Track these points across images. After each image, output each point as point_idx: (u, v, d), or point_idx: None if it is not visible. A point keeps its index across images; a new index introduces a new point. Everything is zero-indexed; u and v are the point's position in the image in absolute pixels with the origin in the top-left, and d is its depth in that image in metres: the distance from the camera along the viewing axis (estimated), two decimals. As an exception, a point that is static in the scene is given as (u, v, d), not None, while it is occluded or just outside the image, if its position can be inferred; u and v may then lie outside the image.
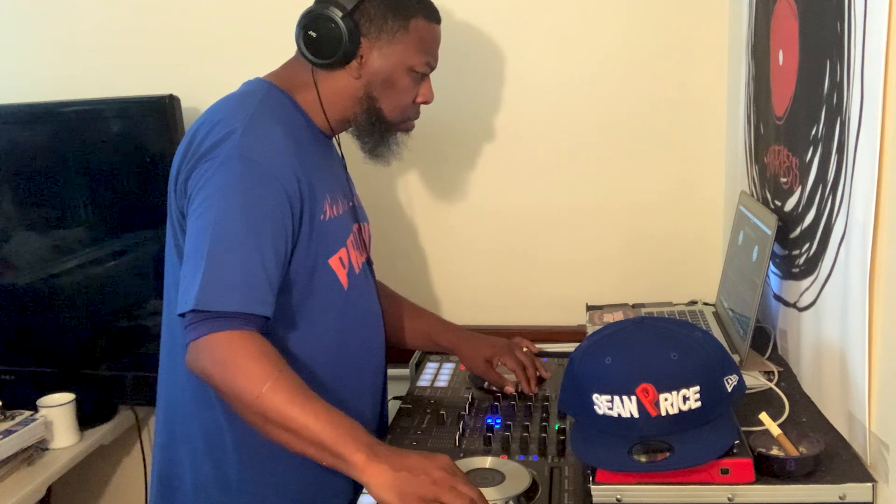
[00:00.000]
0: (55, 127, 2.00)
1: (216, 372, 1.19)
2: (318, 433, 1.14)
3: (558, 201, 2.02)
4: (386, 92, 1.42)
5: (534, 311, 2.06)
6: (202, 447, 1.39)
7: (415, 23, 1.42)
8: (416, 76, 1.44)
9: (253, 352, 1.19)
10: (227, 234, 1.24)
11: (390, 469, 1.11)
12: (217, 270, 1.22)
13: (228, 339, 1.20)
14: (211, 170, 1.26)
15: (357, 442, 1.14)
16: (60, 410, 1.87)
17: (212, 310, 1.20)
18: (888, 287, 1.06)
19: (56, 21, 2.14)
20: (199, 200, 1.27)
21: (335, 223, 1.40)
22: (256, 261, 1.24)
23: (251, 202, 1.26)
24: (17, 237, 2.08)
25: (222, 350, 1.20)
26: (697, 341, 1.14)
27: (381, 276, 2.14)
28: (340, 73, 1.40)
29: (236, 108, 1.34)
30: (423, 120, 2.02)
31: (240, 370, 1.18)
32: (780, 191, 1.49)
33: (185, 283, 1.24)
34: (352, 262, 1.43)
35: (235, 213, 1.25)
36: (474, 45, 1.99)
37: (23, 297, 2.08)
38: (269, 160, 1.28)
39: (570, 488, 1.24)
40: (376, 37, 1.39)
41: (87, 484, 2.30)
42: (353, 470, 1.13)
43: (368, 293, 1.50)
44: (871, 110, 1.06)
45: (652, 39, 1.92)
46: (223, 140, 1.28)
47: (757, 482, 1.10)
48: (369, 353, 1.49)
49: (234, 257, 1.23)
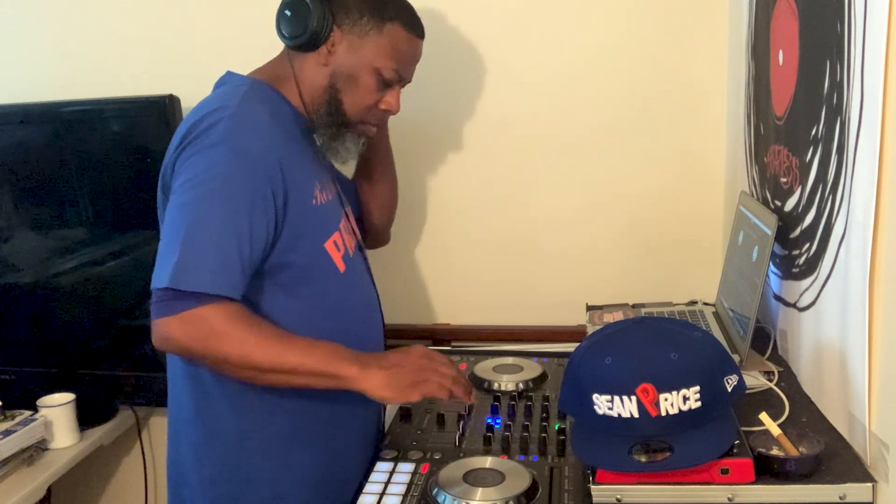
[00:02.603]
0: (55, 127, 2.00)
1: (198, 345, 1.25)
2: (313, 365, 1.28)
3: (558, 201, 2.03)
4: (349, 87, 1.43)
5: (534, 311, 2.06)
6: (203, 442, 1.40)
7: (391, 27, 1.42)
8: (382, 80, 1.44)
9: (229, 318, 1.25)
10: (206, 215, 1.26)
11: (380, 370, 1.28)
12: (193, 251, 1.24)
13: (203, 313, 1.24)
14: (196, 154, 1.29)
15: (345, 359, 1.29)
16: (60, 410, 1.87)
17: (184, 289, 1.23)
18: (888, 287, 1.06)
19: (56, 21, 2.14)
20: (181, 181, 1.29)
21: (326, 208, 1.43)
22: (232, 244, 1.26)
23: (232, 186, 1.27)
24: (17, 237, 2.08)
25: (200, 324, 1.24)
26: (697, 341, 1.14)
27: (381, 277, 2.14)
28: (311, 57, 1.42)
29: (223, 97, 1.37)
30: (423, 119, 2.04)
31: (223, 337, 1.24)
32: (780, 191, 1.49)
33: (160, 260, 1.26)
34: (346, 245, 1.46)
35: (215, 195, 1.27)
36: (475, 43, 1.99)
37: (23, 296, 2.08)
38: (253, 145, 1.31)
39: (570, 488, 1.23)
40: (349, 29, 1.41)
41: (87, 484, 2.30)
42: (350, 382, 1.28)
43: (364, 276, 1.53)
44: (871, 110, 1.06)
45: (652, 39, 1.92)
46: (210, 128, 1.30)
47: (757, 482, 1.10)
48: (367, 335, 1.50)
49: (210, 239, 1.25)
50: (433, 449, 1.37)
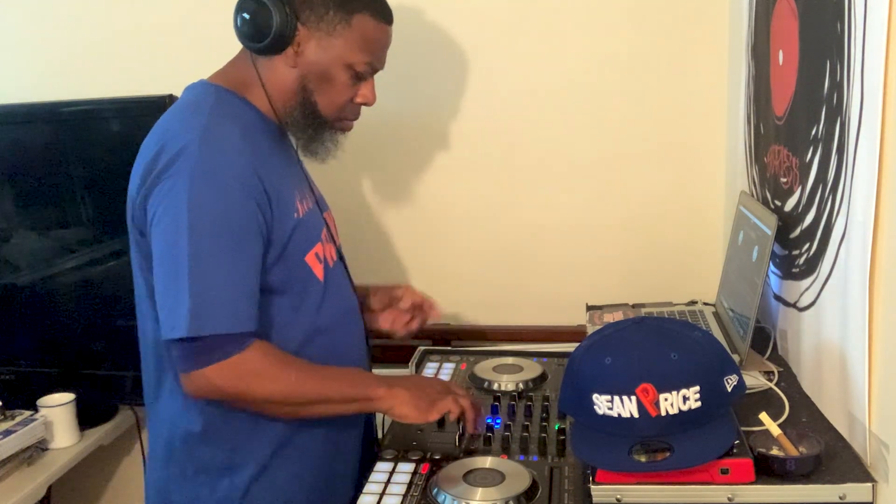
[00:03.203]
0: (55, 127, 2.00)
1: (242, 389, 1.25)
2: (348, 391, 1.32)
3: (558, 201, 2.03)
4: (322, 86, 1.37)
5: (534, 311, 2.06)
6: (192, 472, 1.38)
7: (359, 18, 1.35)
8: (356, 74, 1.38)
9: (265, 357, 1.27)
10: (205, 253, 1.22)
11: (405, 391, 1.33)
12: (203, 293, 1.21)
13: (241, 357, 1.24)
14: (173, 187, 1.23)
15: (373, 382, 1.34)
16: (60, 410, 1.87)
17: (206, 335, 1.21)
18: (888, 287, 1.06)
19: (56, 21, 2.14)
20: (166, 221, 1.24)
21: (308, 219, 1.39)
22: (238, 277, 1.24)
23: (222, 215, 1.24)
24: (17, 237, 2.08)
25: (240, 368, 1.24)
26: (697, 341, 1.14)
27: (381, 277, 2.14)
28: (278, 60, 1.35)
29: (189, 118, 1.31)
30: (425, 119, 2.04)
31: (264, 377, 1.26)
32: (780, 191, 1.49)
33: (167, 308, 1.23)
34: (326, 256, 1.42)
35: (208, 229, 1.23)
36: (473, 46, 1.99)
37: (23, 297, 2.08)
38: (230, 168, 1.26)
39: (570, 488, 1.23)
40: (315, 26, 1.34)
41: (87, 484, 2.30)
42: (378, 403, 1.33)
43: (344, 285, 1.49)
44: (871, 110, 1.06)
45: (652, 39, 1.92)
46: (180, 154, 1.24)
47: (757, 482, 1.10)
48: (350, 345, 1.48)
49: (216, 277, 1.23)
50: (433, 449, 1.37)
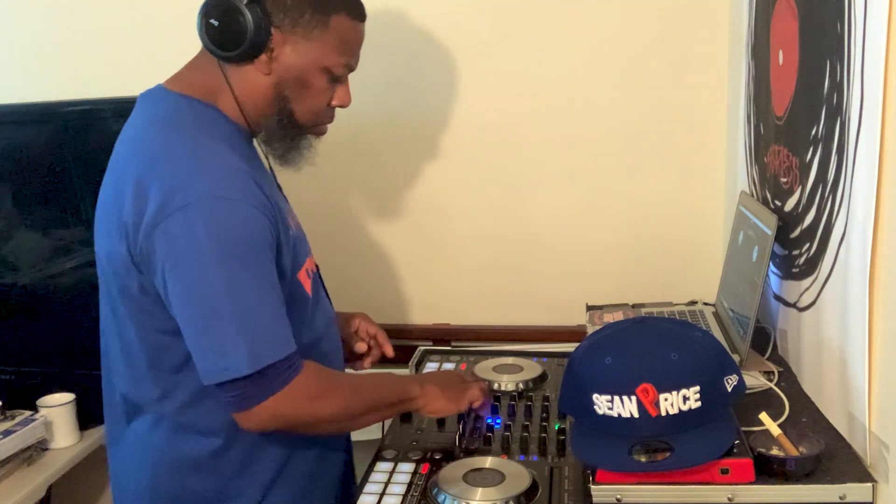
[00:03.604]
0: (55, 127, 2.00)
1: (306, 412, 1.24)
2: (392, 396, 1.35)
3: (558, 201, 2.03)
4: (299, 92, 1.29)
5: (534, 311, 2.06)
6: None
7: (336, 19, 1.28)
8: (332, 77, 1.31)
9: (319, 378, 1.26)
10: (238, 287, 1.16)
11: (435, 387, 1.38)
12: (251, 327, 1.17)
13: (299, 382, 1.21)
14: (183, 222, 1.15)
15: (406, 383, 1.38)
16: (60, 410, 1.86)
17: (265, 365, 1.17)
18: (888, 287, 1.06)
19: (56, 21, 2.14)
20: (185, 259, 1.16)
21: (298, 233, 1.34)
22: (273, 302, 1.20)
23: (244, 243, 1.17)
24: (17, 237, 2.08)
25: (301, 392, 1.22)
26: (697, 341, 1.14)
27: (382, 277, 2.14)
28: (249, 68, 1.26)
29: (174, 138, 1.22)
30: (425, 119, 2.04)
31: (324, 397, 1.25)
32: (780, 191, 1.49)
33: (213, 350, 1.17)
34: (311, 270, 1.38)
35: (234, 261, 1.16)
36: (474, 46, 1.99)
37: (23, 297, 2.08)
38: (237, 190, 1.18)
39: (570, 488, 1.23)
40: (290, 30, 1.25)
41: (87, 484, 2.30)
42: (416, 402, 1.36)
43: (324, 296, 1.44)
44: (871, 110, 1.06)
45: (652, 39, 1.92)
46: (184, 183, 1.16)
47: (757, 482, 1.10)
48: (334, 357, 1.44)
49: (257, 308, 1.18)
50: (433, 449, 1.37)
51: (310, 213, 2.09)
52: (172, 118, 1.25)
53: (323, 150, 2.07)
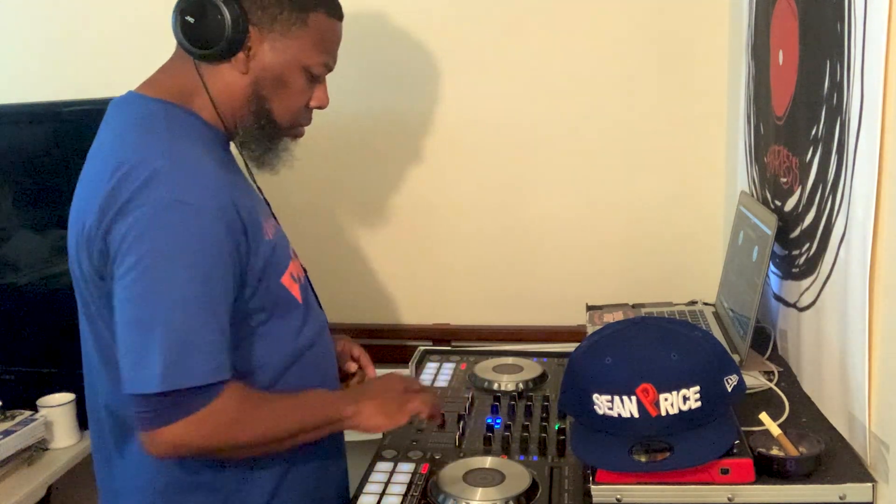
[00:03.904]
0: (55, 127, 2.00)
1: (218, 441, 1.16)
2: (321, 416, 1.25)
3: (559, 201, 2.03)
4: (277, 92, 1.25)
5: (534, 311, 2.06)
6: None
7: (315, 17, 1.25)
8: (311, 77, 1.28)
9: (242, 402, 1.17)
10: (181, 299, 1.11)
11: (370, 400, 1.27)
12: (177, 344, 1.11)
13: (218, 407, 1.14)
14: (142, 222, 1.11)
15: (339, 400, 1.29)
16: (60, 410, 1.86)
17: (183, 388, 1.10)
18: (888, 287, 1.06)
19: (56, 21, 2.14)
20: (134, 260, 1.11)
21: (278, 238, 1.29)
22: (214, 321, 1.14)
23: (197, 255, 1.12)
24: (17, 237, 2.08)
25: (217, 419, 1.14)
26: (697, 341, 1.14)
27: (382, 277, 2.14)
28: (226, 67, 1.23)
29: (147, 141, 1.18)
30: (425, 118, 2.04)
31: (243, 424, 1.17)
32: (780, 191, 1.49)
33: (132, 359, 1.12)
34: (298, 273, 1.34)
35: (185, 272, 1.12)
36: (477, 44, 1.99)
37: (23, 296, 2.08)
38: (205, 197, 1.14)
39: (570, 488, 1.24)
40: (268, 28, 1.22)
41: (87, 484, 2.29)
42: (348, 421, 1.26)
43: (315, 301, 1.40)
44: (871, 110, 1.06)
45: (652, 39, 1.92)
46: (147, 184, 1.12)
47: (757, 482, 1.10)
48: (328, 362, 1.41)
49: (192, 324, 1.12)
50: (433, 449, 1.37)
51: (310, 213, 2.10)
52: (146, 123, 1.21)
53: (324, 149, 2.09)
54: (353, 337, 1.58)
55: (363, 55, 2.01)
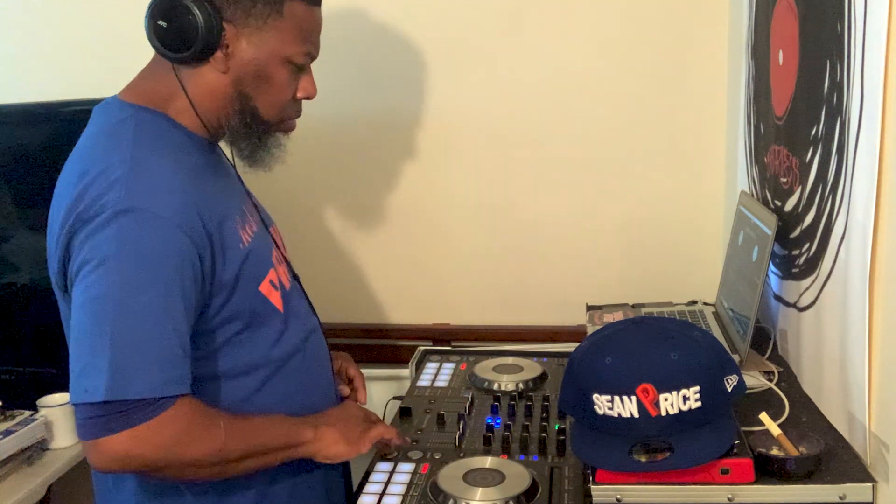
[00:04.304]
0: (55, 127, 2.00)
1: (164, 456, 1.11)
2: (279, 440, 1.22)
3: (559, 201, 2.03)
4: (260, 87, 1.23)
5: (534, 311, 2.06)
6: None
7: (290, 6, 1.21)
8: (295, 68, 1.25)
9: (192, 418, 1.12)
10: (131, 304, 1.09)
11: (331, 428, 1.26)
12: (128, 351, 1.08)
13: (164, 421, 1.09)
14: (99, 230, 1.10)
15: (299, 424, 1.25)
16: (60, 410, 1.86)
17: (128, 399, 1.07)
18: (888, 287, 1.06)
19: (56, 21, 2.14)
20: (89, 267, 1.10)
21: (256, 245, 1.26)
22: (169, 332, 1.10)
23: (154, 263, 1.10)
24: (17, 237, 2.08)
25: (163, 433, 1.09)
26: (697, 341, 1.14)
27: (382, 277, 2.14)
28: (205, 68, 1.21)
29: (110, 149, 1.16)
30: (425, 118, 2.04)
31: (192, 440, 1.12)
32: (780, 191, 1.49)
33: (80, 368, 1.10)
34: (281, 280, 1.30)
35: (137, 278, 1.09)
36: (476, 43, 1.99)
37: (23, 297, 2.08)
38: (163, 206, 1.12)
39: (570, 488, 1.24)
40: (243, 22, 1.19)
41: (87, 484, 2.29)
42: (308, 446, 1.24)
43: (303, 308, 1.37)
44: (871, 110, 1.06)
45: (652, 39, 1.92)
46: (107, 192, 1.11)
47: (757, 482, 1.10)
48: (317, 369, 1.38)
49: (143, 333, 1.09)
50: (433, 449, 1.37)
51: (310, 213, 2.10)
52: (112, 130, 1.20)
53: (325, 150, 2.09)
54: (353, 337, 1.57)
55: (363, 55, 2.01)
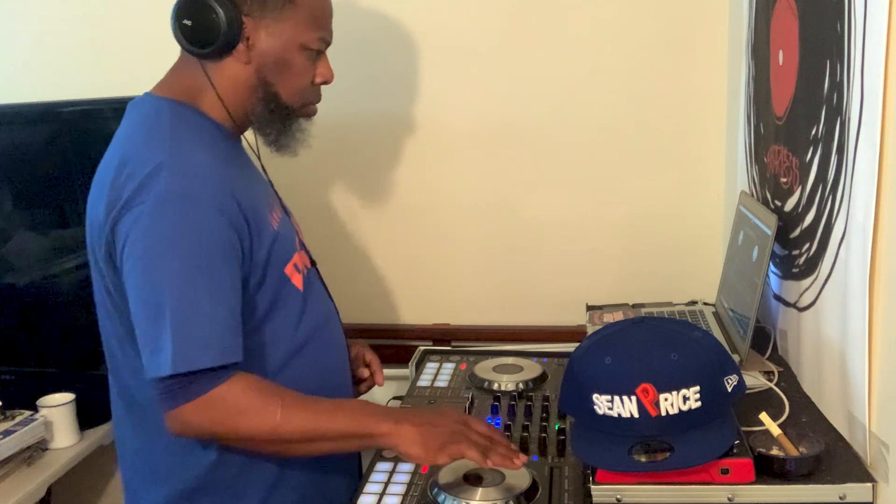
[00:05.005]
0: (55, 127, 2.00)
1: (224, 426, 1.20)
2: (344, 427, 1.23)
3: (559, 201, 2.03)
4: (281, 75, 1.31)
5: (534, 311, 2.06)
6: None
7: None
8: (312, 54, 1.33)
9: (248, 392, 1.20)
10: (186, 286, 1.18)
11: (413, 427, 1.22)
12: (186, 327, 1.17)
13: (221, 393, 1.18)
14: (145, 216, 1.18)
15: (376, 415, 1.24)
16: (60, 410, 1.86)
17: (193, 370, 1.16)
18: (888, 287, 1.06)
19: (56, 21, 2.14)
20: (140, 252, 1.18)
21: (282, 230, 1.34)
22: (222, 307, 1.19)
23: (201, 245, 1.19)
24: (17, 237, 2.08)
25: (223, 404, 1.19)
26: (697, 341, 1.14)
27: (382, 276, 2.14)
28: (229, 61, 1.29)
29: (150, 137, 1.25)
30: (425, 118, 2.04)
31: (248, 414, 1.19)
32: (780, 191, 1.49)
33: (148, 345, 1.18)
34: (303, 263, 1.38)
35: (188, 261, 1.18)
36: (478, 44, 1.99)
37: (23, 297, 2.08)
38: (205, 191, 1.20)
39: (570, 488, 1.24)
40: (260, 14, 1.27)
41: (87, 484, 2.30)
42: (382, 440, 1.23)
43: (320, 292, 1.44)
44: (871, 110, 1.06)
45: (652, 39, 1.92)
46: (150, 179, 1.19)
47: (757, 482, 1.10)
48: (332, 353, 1.43)
49: (200, 310, 1.18)
50: (433, 449, 1.37)
51: (310, 213, 2.10)
52: (154, 120, 1.28)
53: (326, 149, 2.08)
54: (353, 337, 1.58)
55: (363, 56, 2.01)
